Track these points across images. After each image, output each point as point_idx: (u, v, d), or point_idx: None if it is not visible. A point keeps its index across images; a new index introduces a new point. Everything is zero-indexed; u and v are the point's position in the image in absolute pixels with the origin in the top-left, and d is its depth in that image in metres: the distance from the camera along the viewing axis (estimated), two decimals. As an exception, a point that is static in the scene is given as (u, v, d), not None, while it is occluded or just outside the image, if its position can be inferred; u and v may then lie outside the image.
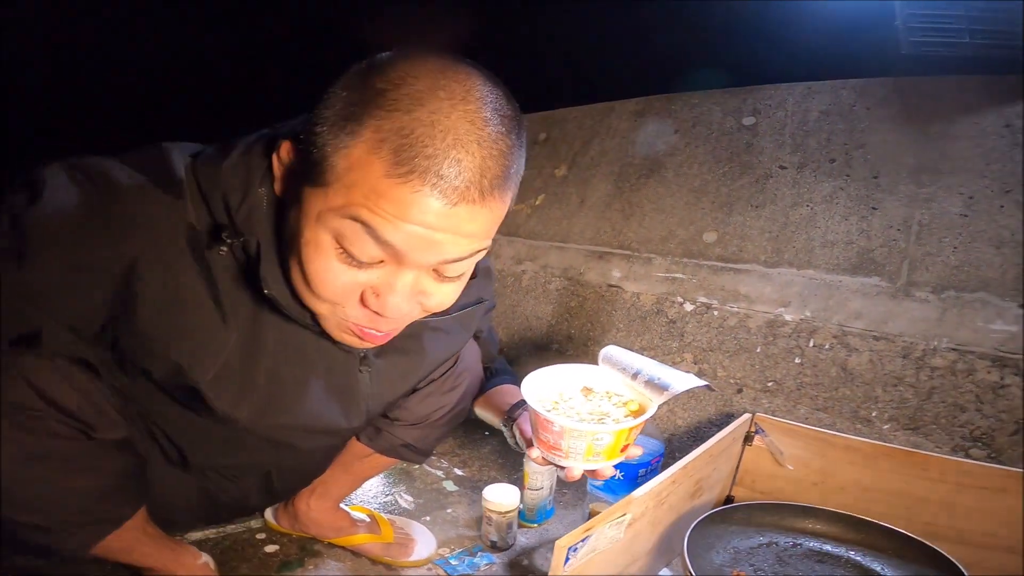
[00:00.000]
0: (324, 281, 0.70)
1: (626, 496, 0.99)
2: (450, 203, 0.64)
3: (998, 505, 1.12)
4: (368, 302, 0.72)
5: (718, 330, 1.65)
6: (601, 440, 0.82)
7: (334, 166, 0.64)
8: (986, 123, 1.44)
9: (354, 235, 0.66)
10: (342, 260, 0.68)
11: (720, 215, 1.77)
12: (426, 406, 1.16)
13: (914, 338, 1.39)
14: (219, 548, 1.27)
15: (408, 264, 0.69)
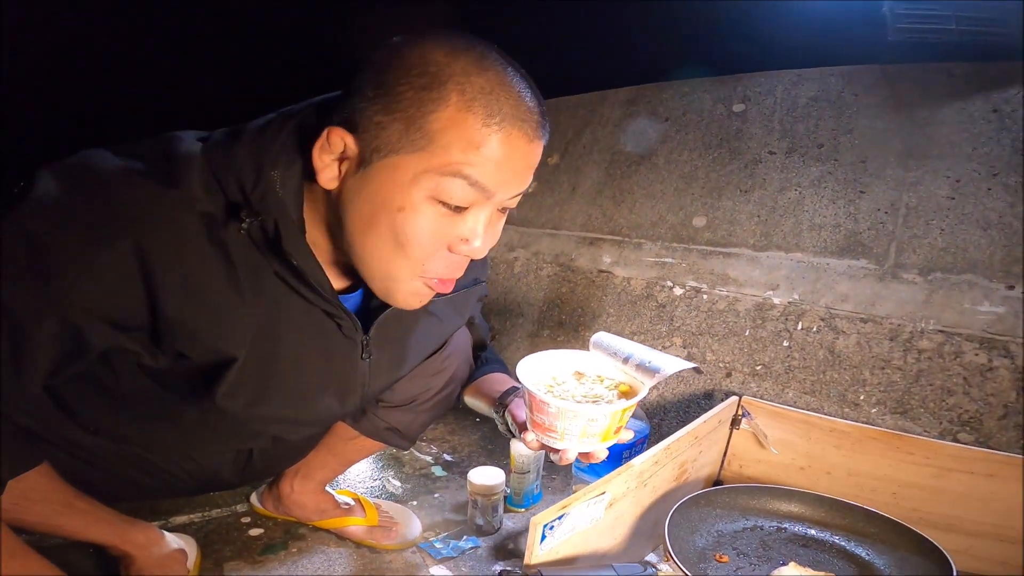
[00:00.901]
0: (424, 237, 0.75)
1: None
2: (529, 140, 0.73)
3: (986, 491, 1.12)
4: (457, 249, 0.77)
5: (707, 314, 1.64)
6: (596, 422, 0.83)
7: (425, 129, 0.70)
8: (973, 108, 1.44)
9: (452, 187, 0.72)
10: (439, 212, 0.74)
11: (710, 200, 1.76)
12: (412, 388, 1.14)
13: (901, 320, 1.38)
14: (203, 532, 1.26)
15: (493, 202, 0.76)
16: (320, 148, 0.74)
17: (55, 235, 0.68)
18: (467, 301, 1.13)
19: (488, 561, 1.22)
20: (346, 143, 0.73)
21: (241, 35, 2.36)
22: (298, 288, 0.81)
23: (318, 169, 0.75)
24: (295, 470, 1.26)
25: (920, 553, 0.99)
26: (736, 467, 1.38)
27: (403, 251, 0.76)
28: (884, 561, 1.02)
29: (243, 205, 0.75)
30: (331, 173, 0.75)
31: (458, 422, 1.83)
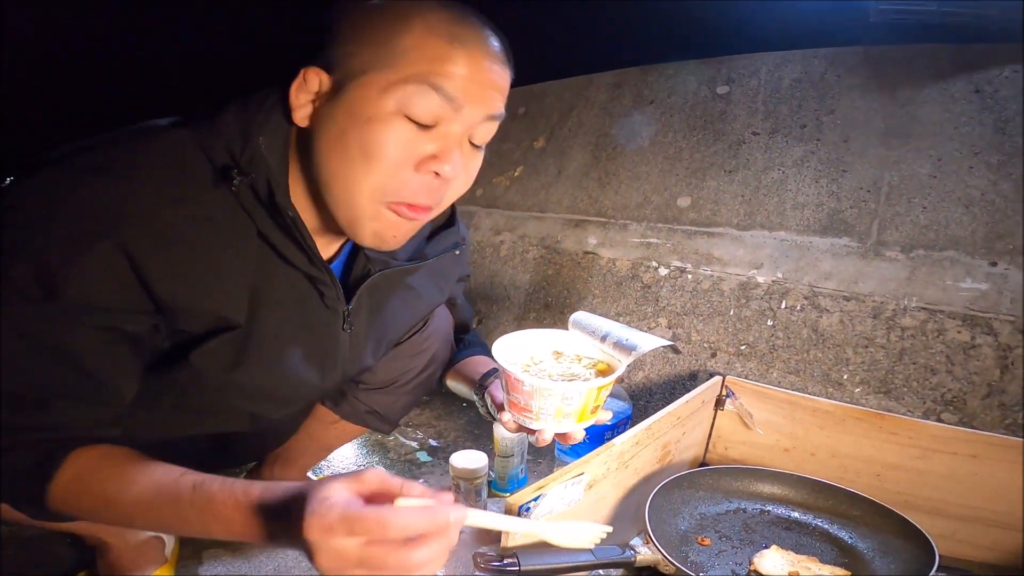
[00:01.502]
0: (389, 149, 0.73)
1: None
2: (493, 60, 0.76)
3: (969, 472, 1.07)
4: (426, 168, 0.75)
5: (692, 293, 1.60)
6: (571, 400, 0.79)
7: (394, 49, 0.72)
8: (955, 89, 1.40)
9: (422, 97, 0.72)
10: (407, 127, 0.73)
11: (694, 181, 1.72)
12: (392, 369, 1.10)
13: (884, 298, 1.35)
14: None
15: (463, 121, 0.75)
16: (297, 88, 0.76)
17: (44, 251, 0.68)
18: (447, 275, 1.09)
19: (471, 546, 1.17)
20: (321, 80, 0.75)
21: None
22: (283, 251, 0.79)
23: (294, 108, 0.76)
24: (275, 456, 1.21)
25: (903, 537, 0.95)
26: (721, 449, 1.34)
27: (368, 165, 0.74)
28: (867, 545, 0.98)
29: (232, 166, 0.74)
30: (305, 111, 0.76)
31: (445, 407, 1.78)
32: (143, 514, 0.68)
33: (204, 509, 0.65)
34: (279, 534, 0.62)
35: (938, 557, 0.87)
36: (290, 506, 0.60)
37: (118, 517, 0.71)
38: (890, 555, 0.94)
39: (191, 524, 0.66)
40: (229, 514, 0.64)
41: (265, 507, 0.62)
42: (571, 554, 0.86)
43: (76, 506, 0.71)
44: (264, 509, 0.62)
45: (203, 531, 0.66)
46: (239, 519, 0.63)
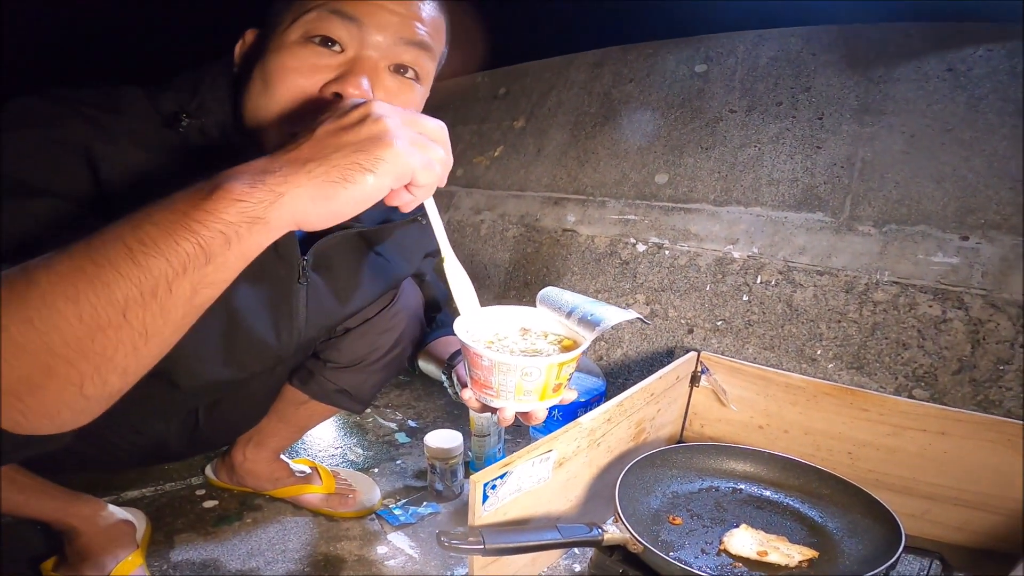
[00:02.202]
0: (288, 74, 0.69)
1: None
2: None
3: (939, 451, 1.02)
4: (328, 88, 0.69)
5: (669, 269, 1.54)
6: (531, 376, 0.71)
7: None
8: (928, 67, 1.35)
9: (322, 21, 0.68)
10: (308, 50, 0.69)
11: (672, 158, 1.65)
12: (359, 347, 1.03)
13: (857, 272, 1.29)
14: (155, 505, 1.15)
15: (370, 42, 0.70)
16: (239, 48, 0.77)
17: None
18: (413, 247, 1.02)
19: (447, 527, 1.13)
20: (255, 36, 0.76)
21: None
22: None
23: (236, 65, 0.77)
24: (247, 438, 1.15)
25: (871, 517, 0.90)
26: (698, 426, 1.29)
27: (268, 93, 0.70)
28: (836, 524, 0.93)
29: (180, 112, 0.72)
30: (244, 65, 0.76)
31: (424, 388, 1.71)
32: (84, 265, 0.47)
33: (174, 199, 0.50)
34: (263, 168, 0.52)
35: (904, 537, 0.82)
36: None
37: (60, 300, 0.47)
38: (858, 535, 0.89)
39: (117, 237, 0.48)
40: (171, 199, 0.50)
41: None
42: (536, 532, 0.81)
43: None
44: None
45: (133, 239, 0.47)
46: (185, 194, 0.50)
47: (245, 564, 1.01)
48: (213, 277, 0.50)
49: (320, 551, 1.05)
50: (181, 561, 1.01)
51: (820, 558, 0.86)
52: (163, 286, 0.48)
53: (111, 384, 0.50)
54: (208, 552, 1.03)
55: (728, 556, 0.87)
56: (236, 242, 0.50)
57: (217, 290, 0.52)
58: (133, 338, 0.49)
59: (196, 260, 0.48)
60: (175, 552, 1.03)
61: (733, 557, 0.87)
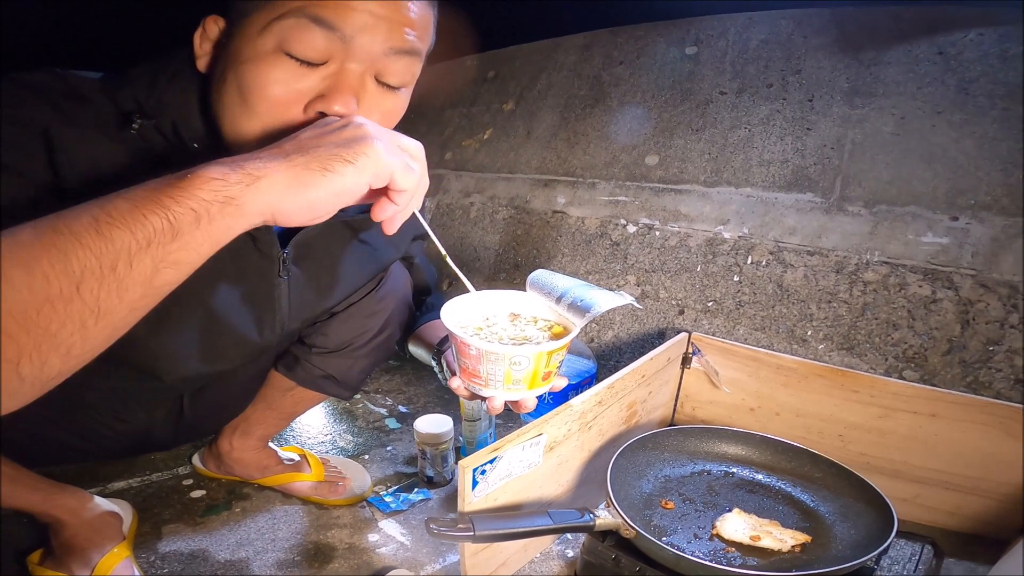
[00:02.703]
0: (268, 90, 0.62)
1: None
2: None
3: (930, 433, 0.99)
4: (313, 107, 0.63)
5: (660, 250, 1.50)
6: (520, 365, 0.67)
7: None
8: (919, 50, 1.30)
9: (301, 31, 0.61)
10: (288, 65, 0.62)
11: (662, 139, 1.60)
12: (346, 331, 0.98)
13: (847, 252, 1.26)
14: (142, 496, 1.10)
15: (355, 54, 0.63)
16: (199, 36, 0.68)
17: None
18: (401, 231, 0.98)
19: (439, 514, 1.09)
20: (219, 27, 0.68)
21: None
22: None
23: (197, 56, 0.69)
24: (234, 426, 1.10)
25: (864, 501, 0.87)
26: (689, 409, 1.25)
27: (246, 108, 0.64)
28: (828, 508, 0.90)
29: (135, 111, 0.67)
30: (206, 60, 0.69)
31: (415, 372, 1.66)
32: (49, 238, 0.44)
33: (138, 189, 0.47)
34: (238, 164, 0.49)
35: (896, 523, 0.78)
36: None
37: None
38: (850, 519, 0.86)
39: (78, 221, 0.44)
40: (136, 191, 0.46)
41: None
42: (527, 518, 0.78)
43: None
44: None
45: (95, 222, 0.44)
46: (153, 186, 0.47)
47: (234, 554, 0.97)
48: (177, 256, 0.47)
49: (310, 540, 1.01)
50: (169, 552, 0.97)
51: (813, 543, 0.82)
52: (124, 260, 0.44)
53: (50, 366, 0.45)
54: (196, 543, 0.99)
55: (721, 541, 0.84)
56: (207, 221, 0.47)
57: (180, 273, 0.48)
58: (83, 314, 0.44)
59: (162, 235, 0.45)
60: (163, 543, 0.99)
61: (726, 542, 0.84)
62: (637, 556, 0.81)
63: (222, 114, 0.67)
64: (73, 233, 0.43)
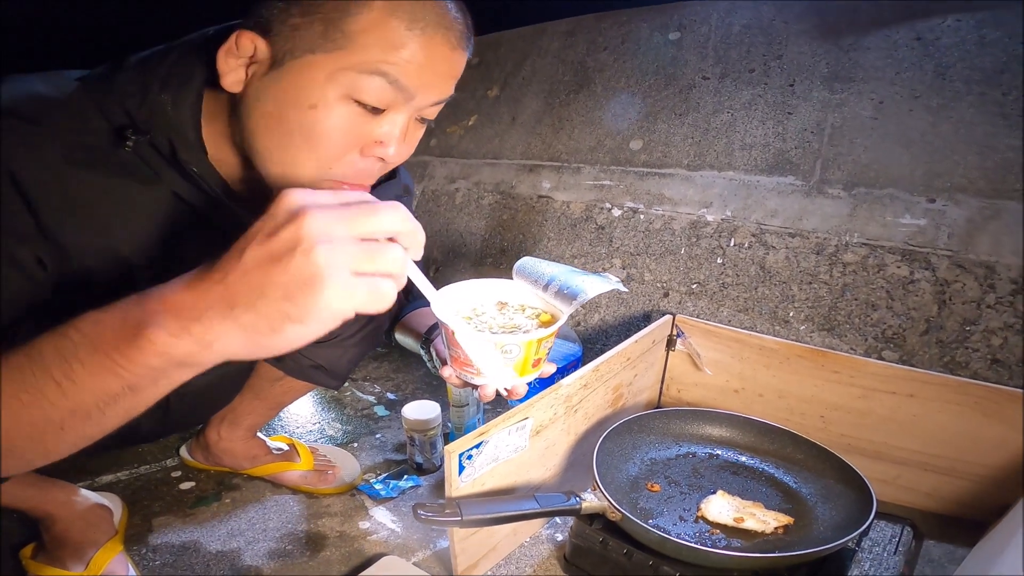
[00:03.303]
0: (335, 135, 0.63)
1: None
2: (452, 47, 0.64)
3: (908, 414, 0.97)
4: (370, 152, 0.66)
5: (644, 233, 1.48)
6: (511, 353, 0.67)
7: (345, 30, 0.60)
8: (897, 36, 1.28)
9: (370, 85, 0.61)
10: (355, 112, 0.63)
11: (646, 124, 1.57)
12: None
13: (827, 234, 1.24)
14: (131, 489, 1.07)
15: (412, 106, 0.65)
16: (227, 52, 0.62)
17: None
18: None
19: (428, 500, 1.07)
20: (256, 46, 0.62)
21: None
22: (197, 204, 0.68)
23: (223, 73, 0.63)
24: (221, 416, 1.07)
25: (844, 482, 0.86)
26: (675, 391, 1.24)
27: (311, 150, 0.64)
28: (810, 490, 0.89)
29: (128, 126, 0.63)
30: (237, 76, 0.63)
31: (402, 359, 1.62)
32: (19, 391, 0.46)
33: (99, 334, 0.45)
34: (178, 307, 0.45)
35: (876, 505, 0.77)
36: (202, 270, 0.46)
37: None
38: (831, 501, 0.85)
39: (91, 372, 0.45)
40: (86, 327, 0.45)
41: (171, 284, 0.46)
42: (514, 503, 0.76)
43: None
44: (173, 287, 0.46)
45: (110, 376, 0.45)
46: (100, 329, 0.45)
47: (226, 545, 0.94)
48: (146, 400, 0.49)
49: (301, 529, 0.99)
50: (160, 545, 0.94)
51: (795, 524, 0.81)
52: (95, 411, 0.47)
53: (32, 463, 0.51)
54: (187, 535, 0.97)
55: (706, 523, 0.83)
56: (165, 379, 0.48)
57: (151, 403, 0.50)
58: (72, 439, 0.49)
59: (124, 394, 0.47)
60: (153, 536, 0.96)
61: (710, 524, 0.82)
62: (624, 539, 0.80)
63: (273, 149, 0.65)
64: (44, 396, 0.46)
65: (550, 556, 0.91)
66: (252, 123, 0.64)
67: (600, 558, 0.82)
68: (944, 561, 0.88)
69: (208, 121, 0.67)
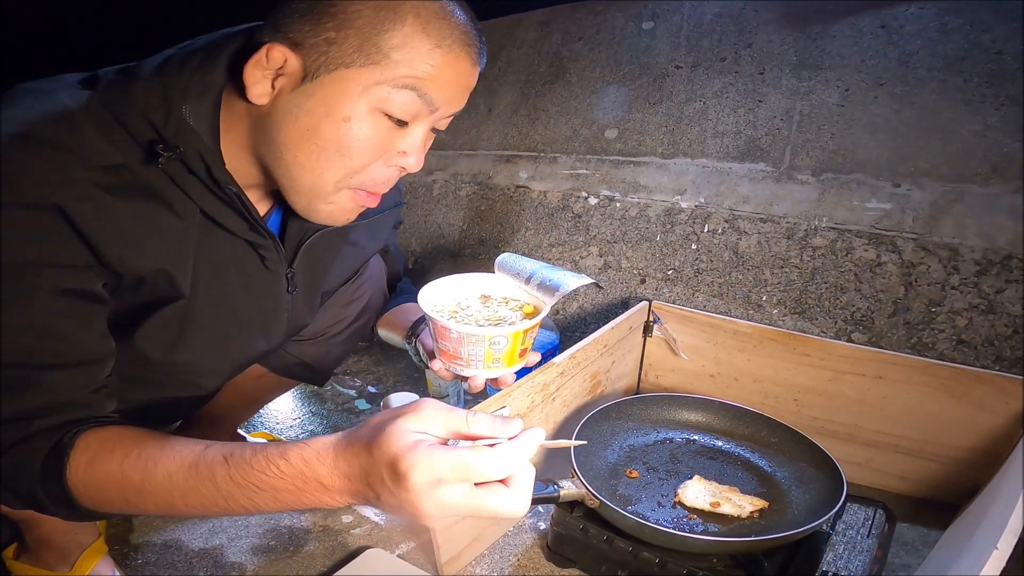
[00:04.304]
0: (366, 147, 0.64)
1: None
2: (472, 64, 0.66)
3: (878, 395, 0.96)
4: (392, 161, 0.67)
5: (620, 221, 1.45)
6: (499, 344, 0.68)
7: (380, 46, 0.60)
8: (863, 24, 1.26)
9: (402, 100, 0.62)
10: (384, 124, 0.64)
11: (620, 113, 1.54)
12: (323, 319, 0.93)
13: (797, 219, 1.22)
14: None
15: (433, 119, 0.67)
16: (255, 64, 0.61)
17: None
18: (385, 225, 0.93)
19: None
20: (287, 59, 0.61)
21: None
22: (221, 219, 0.66)
23: (249, 85, 0.61)
24: (202, 414, 1.03)
25: (816, 465, 0.84)
26: (653, 377, 1.21)
27: (343, 161, 0.64)
28: (784, 473, 0.87)
29: (157, 142, 0.60)
30: (263, 88, 0.62)
31: (383, 352, 1.57)
32: (179, 498, 0.55)
33: (245, 481, 0.52)
34: (343, 491, 0.50)
35: (846, 488, 0.76)
36: (353, 462, 0.49)
37: (148, 504, 0.56)
38: (804, 484, 0.83)
39: (234, 500, 0.53)
40: (275, 482, 0.51)
41: (314, 468, 0.50)
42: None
43: (100, 497, 0.56)
44: (314, 470, 0.50)
45: (248, 505, 0.53)
46: (288, 486, 0.51)
47: (208, 542, 0.91)
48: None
49: (284, 524, 0.96)
50: (142, 543, 0.90)
51: (770, 508, 0.80)
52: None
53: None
54: (168, 533, 0.93)
55: (683, 508, 0.81)
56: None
57: None
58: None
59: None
60: (134, 535, 0.93)
61: (688, 509, 0.81)
62: (604, 526, 0.78)
63: (303, 161, 0.64)
64: (204, 504, 0.55)
65: (533, 545, 0.89)
66: (283, 135, 0.63)
67: (582, 545, 0.80)
68: (918, 544, 0.87)
69: (225, 131, 0.65)
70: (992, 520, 0.63)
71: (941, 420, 0.91)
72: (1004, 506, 0.62)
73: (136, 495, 0.55)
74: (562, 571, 0.84)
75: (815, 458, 0.85)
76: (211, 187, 0.63)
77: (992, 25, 1.13)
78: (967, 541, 0.66)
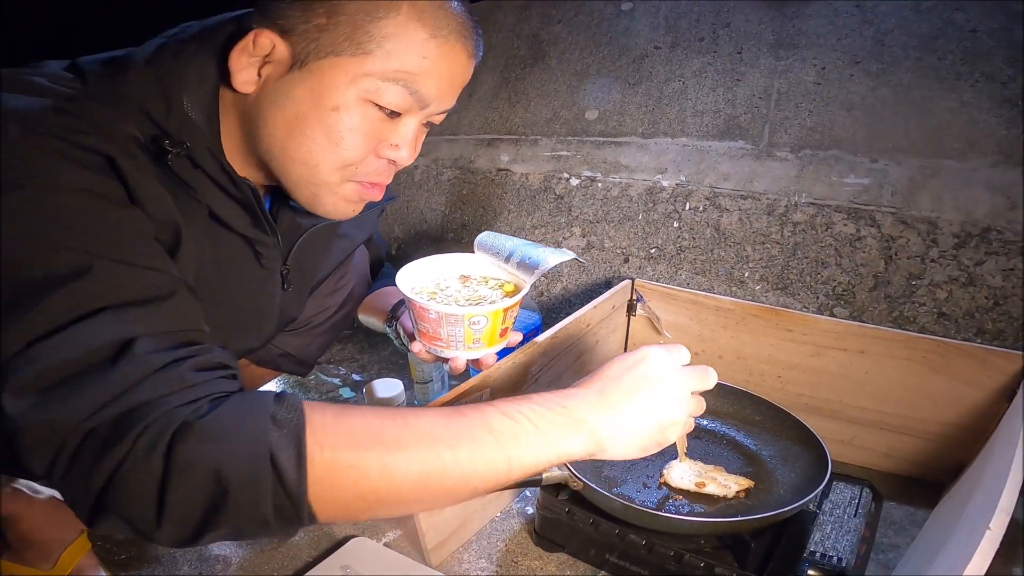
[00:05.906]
0: (357, 137, 0.59)
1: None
2: (468, 57, 0.62)
3: (860, 371, 0.90)
4: (383, 154, 0.62)
5: (603, 201, 1.39)
6: (478, 324, 0.64)
7: (372, 35, 0.55)
8: (838, 3, 1.21)
9: (392, 92, 0.58)
10: (374, 114, 0.59)
11: (601, 94, 1.47)
12: (307, 310, 0.87)
13: (777, 195, 1.17)
14: None
15: (426, 113, 0.62)
16: (242, 50, 0.56)
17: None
18: (371, 215, 0.87)
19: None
20: (275, 46, 0.56)
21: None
22: (227, 217, 0.61)
23: (235, 71, 0.57)
24: None
25: (801, 443, 0.80)
26: (639, 357, 1.16)
27: (335, 151, 0.59)
28: (769, 452, 0.82)
29: (161, 136, 0.55)
30: (249, 76, 0.57)
31: (367, 340, 1.49)
32: (446, 448, 0.46)
33: (513, 409, 0.51)
34: (586, 399, 0.55)
35: (830, 466, 0.72)
36: (592, 379, 0.58)
37: (413, 463, 0.45)
38: (790, 463, 0.79)
39: (503, 439, 0.49)
40: (535, 406, 0.52)
41: (561, 392, 0.55)
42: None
43: (350, 463, 0.45)
44: (561, 392, 0.55)
45: (511, 452, 0.49)
46: (546, 412, 0.52)
47: (189, 535, 0.86)
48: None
49: (267, 513, 0.90)
50: (125, 539, 0.84)
51: (756, 487, 0.76)
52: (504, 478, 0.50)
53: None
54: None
55: (669, 488, 0.76)
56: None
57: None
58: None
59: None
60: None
61: (673, 489, 0.76)
62: (590, 508, 0.73)
63: (294, 151, 0.59)
64: (491, 465, 0.49)
65: (521, 530, 0.84)
66: (271, 124, 0.59)
67: (568, 529, 0.75)
68: (906, 524, 0.83)
69: (221, 122, 0.60)
70: (980, 499, 0.59)
71: (923, 394, 0.87)
72: (992, 484, 0.58)
73: (396, 447, 0.45)
74: (550, 556, 0.79)
75: (800, 436, 0.80)
76: (222, 183, 0.58)
77: (966, 4, 1.09)
78: (955, 522, 0.62)
